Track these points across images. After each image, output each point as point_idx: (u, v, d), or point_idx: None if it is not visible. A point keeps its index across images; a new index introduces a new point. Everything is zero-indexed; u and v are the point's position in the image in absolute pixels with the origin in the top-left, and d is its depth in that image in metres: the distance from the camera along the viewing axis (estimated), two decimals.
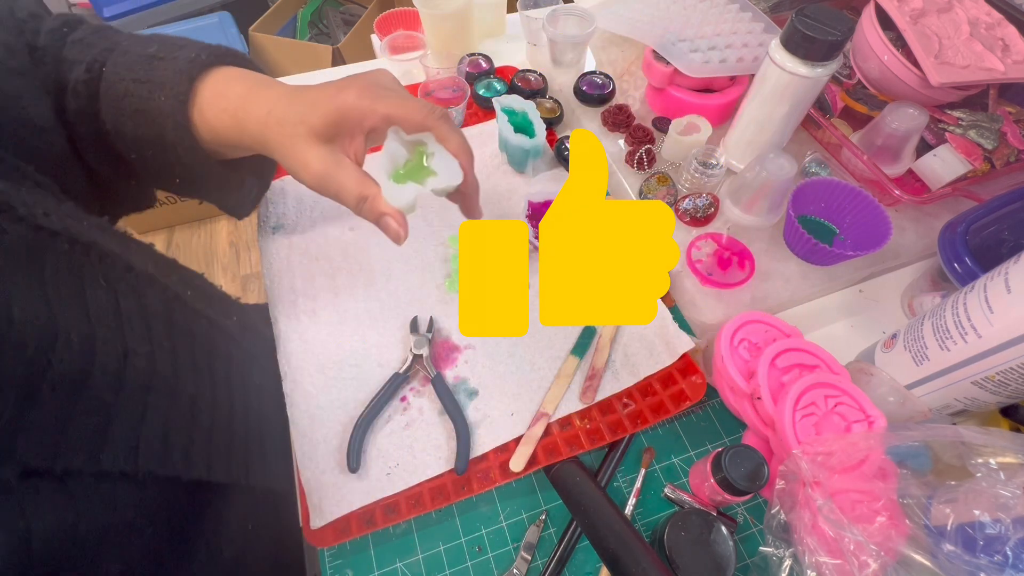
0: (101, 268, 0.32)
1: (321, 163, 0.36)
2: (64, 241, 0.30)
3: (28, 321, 0.26)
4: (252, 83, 0.38)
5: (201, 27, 1.57)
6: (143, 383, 0.32)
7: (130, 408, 0.31)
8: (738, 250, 0.53)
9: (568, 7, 0.71)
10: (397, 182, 0.38)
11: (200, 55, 0.37)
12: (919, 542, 0.31)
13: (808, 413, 0.40)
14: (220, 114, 0.37)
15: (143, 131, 0.36)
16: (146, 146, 0.37)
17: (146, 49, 0.37)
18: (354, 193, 0.37)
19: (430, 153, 0.39)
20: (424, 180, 0.39)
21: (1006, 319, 0.36)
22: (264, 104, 0.36)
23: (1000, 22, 0.60)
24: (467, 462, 0.44)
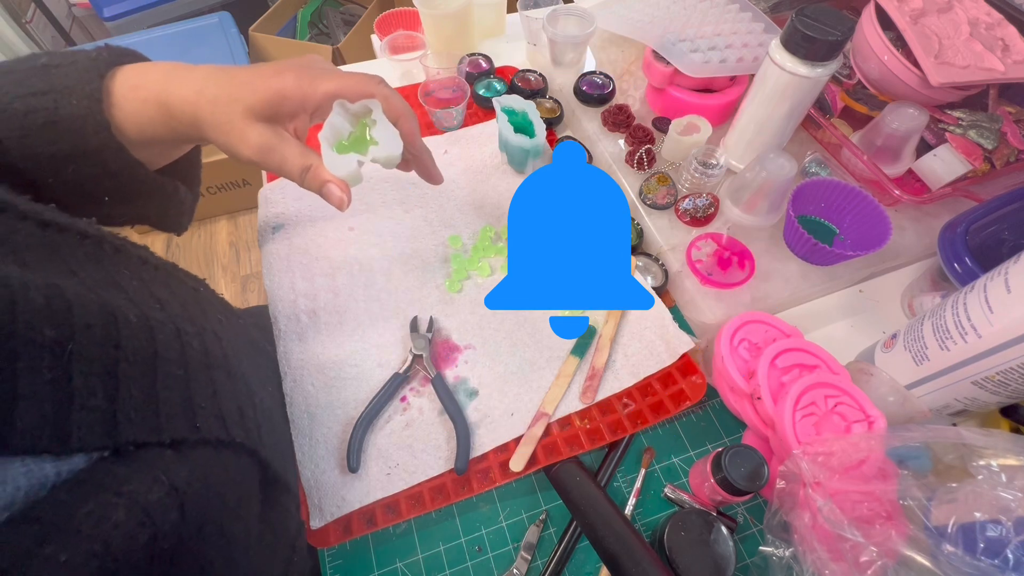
0: (119, 260, 0.32)
1: (260, 137, 0.36)
2: (75, 235, 0.30)
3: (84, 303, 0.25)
4: (168, 69, 0.36)
5: (201, 27, 1.57)
6: (203, 361, 0.32)
7: (202, 382, 0.31)
8: (738, 250, 0.53)
9: (568, 7, 0.70)
10: (340, 153, 0.39)
11: (101, 54, 0.35)
12: (919, 543, 0.31)
13: (808, 413, 0.40)
14: (142, 105, 0.35)
15: (57, 146, 0.33)
16: (64, 163, 0.34)
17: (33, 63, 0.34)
18: (296, 163, 0.37)
19: (372, 122, 0.39)
20: (366, 150, 0.40)
21: (1006, 319, 0.36)
22: (191, 84, 0.35)
23: (1000, 22, 0.60)
24: (467, 462, 0.44)
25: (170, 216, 0.44)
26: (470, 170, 0.64)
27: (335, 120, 0.39)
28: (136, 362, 0.27)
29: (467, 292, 0.55)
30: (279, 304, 0.53)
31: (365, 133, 0.40)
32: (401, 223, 0.60)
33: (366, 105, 0.39)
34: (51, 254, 0.28)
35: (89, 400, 0.24)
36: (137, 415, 0.26)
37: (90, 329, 0.25)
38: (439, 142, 0.67)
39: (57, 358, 0.23)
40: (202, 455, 0.29)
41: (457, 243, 0.58)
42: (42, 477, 0.22)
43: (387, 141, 0.39)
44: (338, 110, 0.38)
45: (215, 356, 0.33)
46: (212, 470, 0.29)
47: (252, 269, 1.65)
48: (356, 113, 0.40)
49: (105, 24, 1.60)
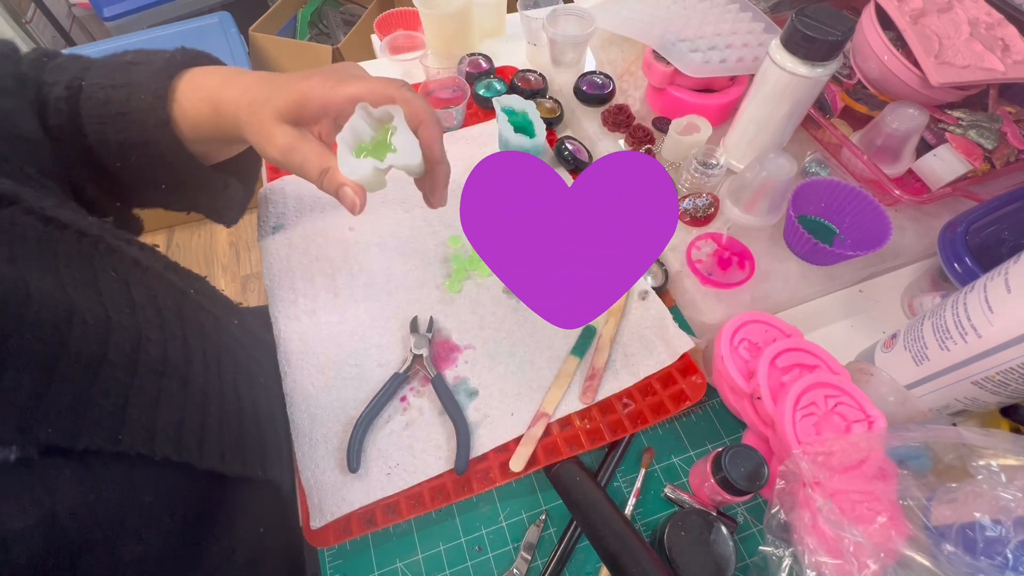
0: (110, 260, 0.34)
1: (285, 138, 0.37)
2: (73, 233, 0.32)
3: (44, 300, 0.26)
4: (227, 72, 0.40)
5: (201, 27, 1.57)
6: (156, 368, 0.32)
7: (146, 391, 0.31)
8: (738, 250, 0.53)
9: (568, 7, 0.71)
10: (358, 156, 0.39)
11: (176, 56, 0.40)
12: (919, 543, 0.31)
13: (808, 413, 0.40)
14: (198, 104, 0.38)
15: (126, 135, 0.38)
16: (130, 150, 0.38)
17: (122, 59, 0.39)
18: (316, 164, 0.38)
19: (394, 129, 0.39)
20: (384, 156, 0.39)
21: (1006, 319, 0.36)
22: (238, 87, 0.38)
23: (1000, 22, 0.60)
24: (467, 462, 0.44)
25: (219, 208, 0.48)
26: (470, 170, 0.64)
27: (356, 123, 0.38)
28: (79, 364, 0.27)
29: (467, 292, 0.55)
30: (279, 304, 0.53)
31: (387, 138, 0.40)
32: (401, 223, 0.60)
33: (388, 111, 0.39)
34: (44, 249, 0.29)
35: (12, 395, 0.24)
36: (58, 418, 0.26)
37: (39, 327, 0.26)
38: None
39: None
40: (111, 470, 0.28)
41: (457, 243, 0.58)
42: None
43: (405, 149, 0.38)
44: (360, 113, 0.38)
45: (174, 364, 0.34)
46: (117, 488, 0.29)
47: (252, 269, 1.65)
48: (379, 118, 0.39)
49: (105, 24, 1.60)
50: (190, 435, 0.34)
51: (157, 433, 0.31)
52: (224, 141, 0.41)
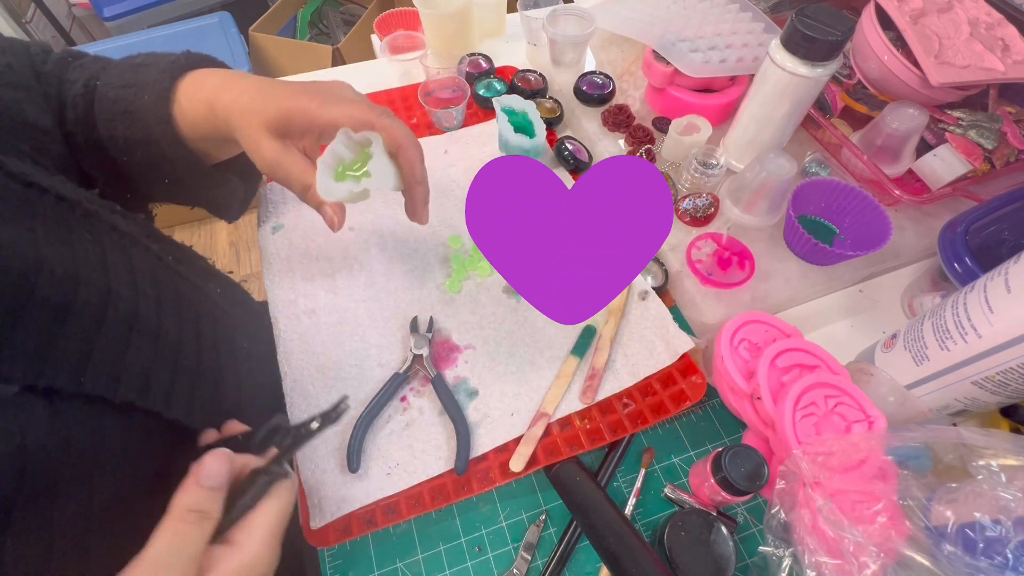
0: (87, 223, 0.35)
1: (272, 152, 0.40)
2: (52, 197, 0.33)
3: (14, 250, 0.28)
4: (227, 75, 0.42)
5: (201, 27, 1.57)
6: (126, 321, 0.34)
7: (112, 341, 0.32)
8: (738, 250, 0.53)
9: (568, 7, 0.71)
10: (338, 179, 0.41)
11: (180, 59, 0.42)
12: (919, 543, 0.31)
13: (808, 413, 0.40)
14: (197, 105, 0.40)
15: (132, 131, 0.40)
16: (135, 146, 0.41)
17: (133, 61, 0.42)
18: (299, 181, 0.41)
19: (371, 155, 0.41)
20: (360, 180, 0.41)
21: (1006, 319, 0.36)
22: (233, 91, 0.40)
23: (1000, 22, 0.60)
24: (467, 462, 0.44)
25: (219, 203, 0.50)
26: (470, 170, 0.64)
27: (336, 147, 0.41)
28: (45, 310, 0.29)
29: (467, 292, 0.55)
30: (279, 304, 0.53)
31: (366, 162, 0.41)
32: (401, 223, 0.60)
33: (367, 137, 0.40)
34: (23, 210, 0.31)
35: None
36: (23, 357, 0.27)
37: (6, 273, 0.27)
38: (439, 142, 0.67)
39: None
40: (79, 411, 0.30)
41: (457, 243, 0.58)
42: None
43: (380, 175, 0.41)
44: (341, 138, 0.40)
45: (145, 320, 0.35)
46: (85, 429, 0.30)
47: (252, 269, 1.65)
48: (359, 142, 0.41)
49: (105, 24, 1.60)
50: (157, 385, 0.35)
51: (122, 379, 0.32)
52: (220, 141, 0.43)
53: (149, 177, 0.44)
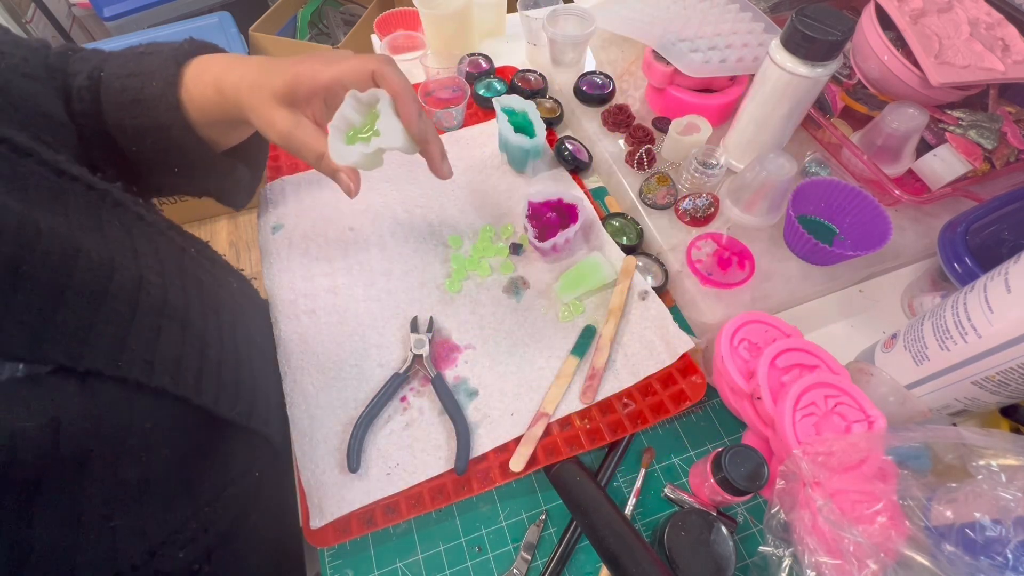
0: (116, 212, 0.36)
1: (284, 123, 0.40)
2: (83, 185, 0.34)
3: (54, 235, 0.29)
4: (230, 58, 0.42)
5: (201, 27, 1.57)
6: (157, 308, 0.35)
7: (146, 326, 0.33)
8: (738, 250, 0.53)
9: (568, 7, 0.70)
10: (349, 143, 0.41)
11: (184, 46, 0.42)
12: (919, 543, 0.31)
13: (808, 413, 0.40)
14: (204, 88, 0.41)
15: (140, 120, 0.40)
16: (144, 135, 0.41)
17: (136, 51, 0.43)
18: (313, 150, 0.41)
19: (378, 114, 0.41)
20: (370, 140, 0.41)
21: (1006, 319, 0.36)
22: (239, 72, 0.40)
23: (1000, 22, 0.60)
24: (467, 462, 0.44)
25: (227, 191, 0.50)
26: (470, 170, 0.64)
27: (345, 110, 0.41)
28: (83, 294, 0.29)
29: (467, 292, 0.55)
30: (279, 304, 0.53)
31: (374, 123, 0.42)
32: (401, 223, 0.60)
33: (374, 94, 0.41)
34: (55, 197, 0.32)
35: (23, 314, 0.27)
36: (63, 339, 0.28)
37: (48, 256, 0.28)
38: None
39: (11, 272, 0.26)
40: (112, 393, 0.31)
41: (457, 243, 0.58)
42: None
43: (389, 132, 0.41)
44: (349, 100, 0.40)
45: (174, 308, 0.36)
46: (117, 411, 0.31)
47: (252, 269, 1.65)
48: (366, 103, 0.41)
49: (105, 24, 1.60)
50: (188, 372, 0.36)
51: (156, 364, 0.33)
52: (229, 124, 0.43)
53: (158, 166, 0.44)
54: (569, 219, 0.56)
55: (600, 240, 0.57)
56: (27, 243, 0.27)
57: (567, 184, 0.62)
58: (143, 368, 0.32)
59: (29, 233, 0.28)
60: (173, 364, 0.35)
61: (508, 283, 0.55)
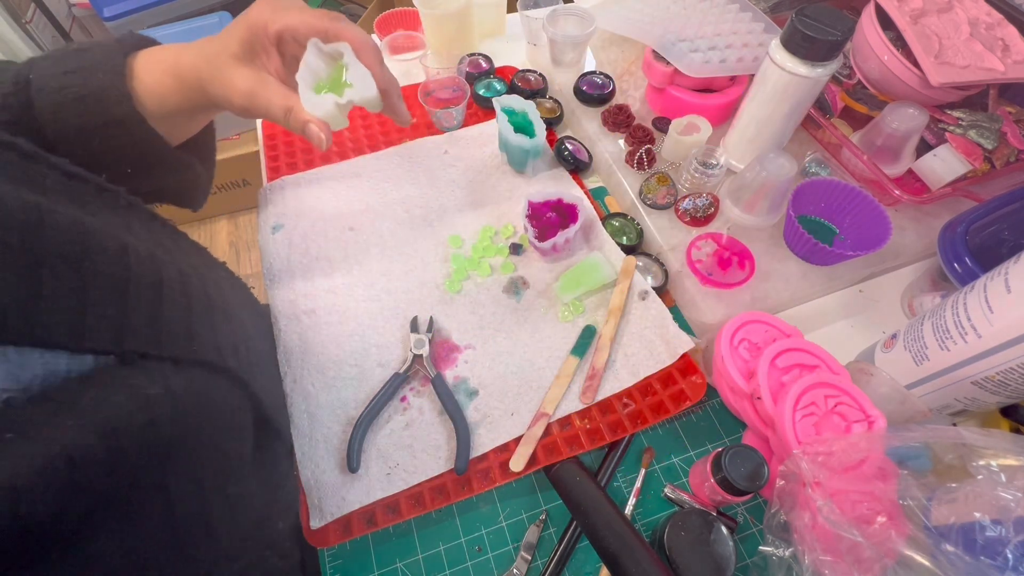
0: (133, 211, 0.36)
1: (246, 82, 0.38)
2: (94, 187, 0.34)
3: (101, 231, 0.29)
4: (180, 46, 0.40)
5: (201, 27, 1.57)
6: (203, 300, 0.35)
7: (202, 315, 0.34)
8: (738, 250, 0.53)
9: (568, 7, 0.70)
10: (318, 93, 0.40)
11: (125, 38, 0.40)
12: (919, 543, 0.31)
13: (808, 413, 0.40)
14: (160, 76, 0.39)
15: (86, 118, 0.37)
16: (92, 135, 0.38)
17: (67, 49, 0.39)
18: (280, 104, 0.39)
19: (346, 65, 0.40)
20: (342, 92, 0.41)
21: (1006, 319, 0.36)
22: (194, 50, 0.39)
23: (1000, 22, 0.60)
24: (467, 462, 0.44)
25: (186, 191, 0.48)
26: (470, 170, 0.64)
27: (310, 60, 0.40)
28: (144, 286, 0.30)
29: (467, 292, 0.55)
30: (279, 304, 0.53)
31: (341, 75, 0.41)
32: (401, 223, 0.60)
33: (338, 48, 0.40)
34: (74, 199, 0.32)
35: (101, 309, 0.27)
36: (142, 328, 0.29)
37: (105, 252, 0.28)
38: (439, 142, 0.67)
39: (75, 270, 0.26)
40: (198, 374, 0.32)
41: (457, 243, 0.58)
42: (56, 369, 0.25)
43: (360, 83, 0.40)
44: (312, 50, 0.40)
45: (215, 299, 0.37)
46: (205, 388, 0.32)
47: (252, 269, 1.65)
48: (330, 54, 0.41)
49: (105, 24, 1.60)
50: (242, 358, 0.37)
51: (221, 349, 0.34)
52: (189, 112, 0.41)
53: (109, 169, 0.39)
54: (569, 219, 0.56)
55: (600, 240, 0.57)
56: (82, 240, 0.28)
57: (567, 184, 0.62)
58: (214, 352, 0.33)
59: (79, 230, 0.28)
60: (232, 349, 0.36)
61: (508, 283, 0.55)
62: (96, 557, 0.25)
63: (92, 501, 0.25)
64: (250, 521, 0.36)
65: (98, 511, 0.25)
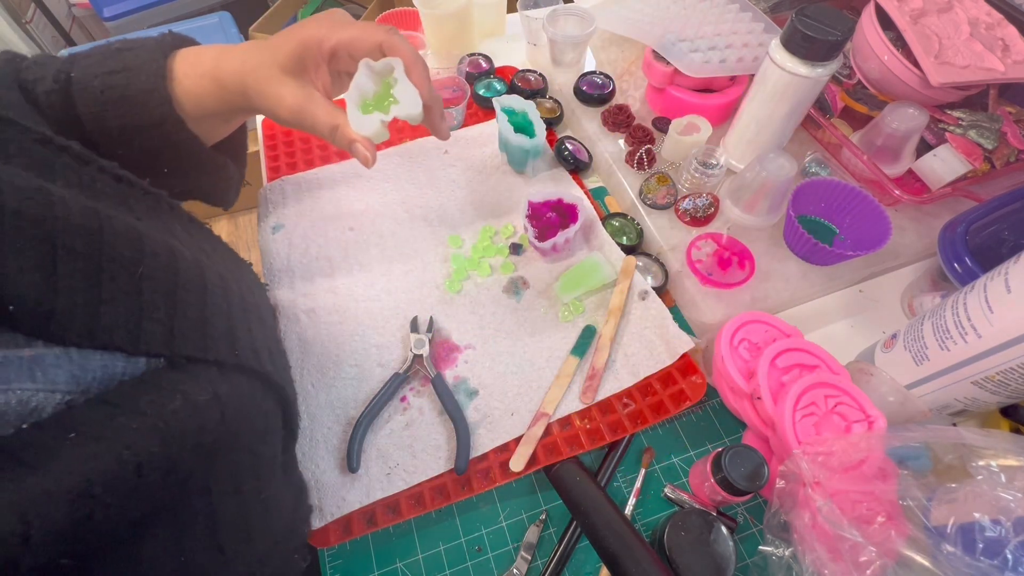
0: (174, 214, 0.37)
1: (294, 97, 0.39)
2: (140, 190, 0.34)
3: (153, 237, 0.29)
4: (221, 48, 0.41)
5: (201, 27, 1.57)
6: (241, 304, 0.36)
7: (241, 319, 0.35)
8: (738, 250, 0.53)
9: (568, 7, 0.70)
10: (364, 112, 0.41)
11: (165, 38, 0.41)
12: (919, 543, 0.31)
13: (808, 413, 0.40)
14: (199, 80, 0.39)
15: (127, 119, 0.38)
16: (132, 135, 0.39)
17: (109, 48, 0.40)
18: (326, 122, 0.40)
19: (395, 81, 0.41)
20: (388, 109, 0.41)
21: (1006, 319, 0.36)
22: (237, 56, 0.39)
23: (1000, 22, 0.60)
24: (467, 462, 0.44)
25: (219, 189, 0.49)
26: (470, 170, 0.64)
27: (360, 80, 0.41)
28: (191, 290, 0.31)
29: (467, 292, 0.55)
30: (279, 304, 0.53)
31: (388, 90, 0.42)
32: (401, 223, 0.60)
33: (389, 63, 0.41)
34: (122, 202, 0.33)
35: (154, 313, 0.28)
36: (190, 332, 0.29)
37: (156, 257, 0.29)
38: (439, 142, 0.67)
39: (131, 275, 0.27)
40: (239, 379, 0.32)
41: (457, 243, 0.58)
42: (113, 371, 0.26)
43: (407, 99, 0.41)
44: (363, 70, 0.40)
45: (250, 303, 0.37)
46: (247, 393, 0.33)
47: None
48: (379, 72, 0.42)
49: (105, 24, 1.60)
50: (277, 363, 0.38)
51: (260, 354, 0.35)
52: (227, 114, 0.42)
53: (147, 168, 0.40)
54: (569, 219, 0.56)
55: (600, 240, 0.57)
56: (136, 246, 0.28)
57: (567, 184, 0.62)
58: (254, 357, 0.34)
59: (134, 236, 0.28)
60: (268, 354, 0.36)
61: (508, 283, 0.55)
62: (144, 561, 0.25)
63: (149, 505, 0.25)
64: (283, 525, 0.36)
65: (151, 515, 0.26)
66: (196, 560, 0.28)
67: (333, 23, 0.40)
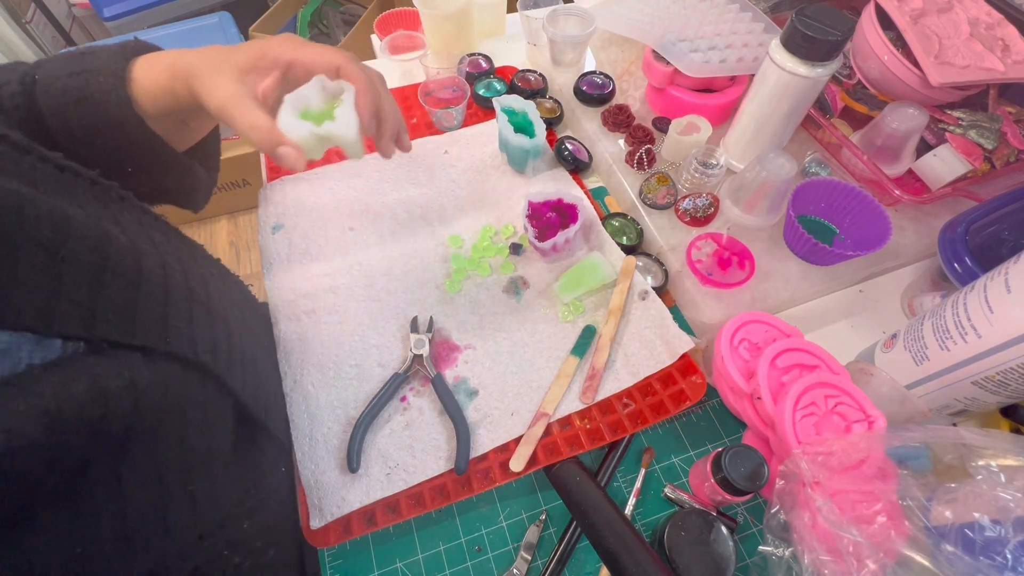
0: (123, 205, 0.37)
1: (226, 91, 0.39)
2: (86, 180, 0.34)
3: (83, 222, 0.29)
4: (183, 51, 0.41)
5: (201, 27, 1.57)
6: (183, 293, 0.36)
7: (180, 308, 0.34)
8: (738, 250, 0.53)
9: (568, 7, 0.70)
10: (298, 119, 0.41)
11: (129, 43, 0.41)
12: (919, 543, 0.31)
13: (808, 413, 0.40)
14: (156, 75, 0.39)
15: (89, 119, 0.38)
16: (94, 135, 0.39)
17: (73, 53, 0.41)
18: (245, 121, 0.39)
19: (341, 102, 0.41)
20: (322, 123, 0.41)
21: (1006, 319, 0.36)
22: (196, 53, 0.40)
23: (1000, 22, 0.60)
24: (467, 462, 0.44)
25: (187, 192, 0.48)
26: (470, 170, 0.64)
27: (307, 90, 0.40)
28: (120, 275, 0.30)
29: (467, 292, 0.55)
30: (279, 304, 0.53)
31: (332, 111, 0.41)
32: (401, 223, 0.60)
33: (340, 86, 0.41)
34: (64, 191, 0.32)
35: (74, 294, 0.27)
36: (115, 316, 0.29)
37: (84, 240, 0.29)
38: (439, 142, 0.67)
39: (51, 256, 0.27)
40: (168, 367, 0.32)
41: (457, 243, 0.58)
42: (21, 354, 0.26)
43: (343, 120, 0.40)
44: (314, 83, 0.40)
45: (197, 294, 0.37)
46: (175, 383, 0.32)
47: (252, 269, 1.65)
48: (330, 91, 0.41)
49: (105, 24, 1.60)
50: (221, 355, 0.37)
51: (197, 343, 0.34)
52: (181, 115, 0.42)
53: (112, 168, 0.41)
54: (569, 219, 0.56)
55: (600, 240, 0.57)
56: (61, 227, 0.28)
57: (567, 184, 0.62)
58: (188, 345, 0.33)
59: (59, 217, 0.28)
60: (210, 344, 0.36)
61: (508, 283, 0.55)
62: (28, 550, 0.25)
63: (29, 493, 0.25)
64: (212, 519, 0.36)
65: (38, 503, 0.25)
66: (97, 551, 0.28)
67: (296, 43, 0.41)
